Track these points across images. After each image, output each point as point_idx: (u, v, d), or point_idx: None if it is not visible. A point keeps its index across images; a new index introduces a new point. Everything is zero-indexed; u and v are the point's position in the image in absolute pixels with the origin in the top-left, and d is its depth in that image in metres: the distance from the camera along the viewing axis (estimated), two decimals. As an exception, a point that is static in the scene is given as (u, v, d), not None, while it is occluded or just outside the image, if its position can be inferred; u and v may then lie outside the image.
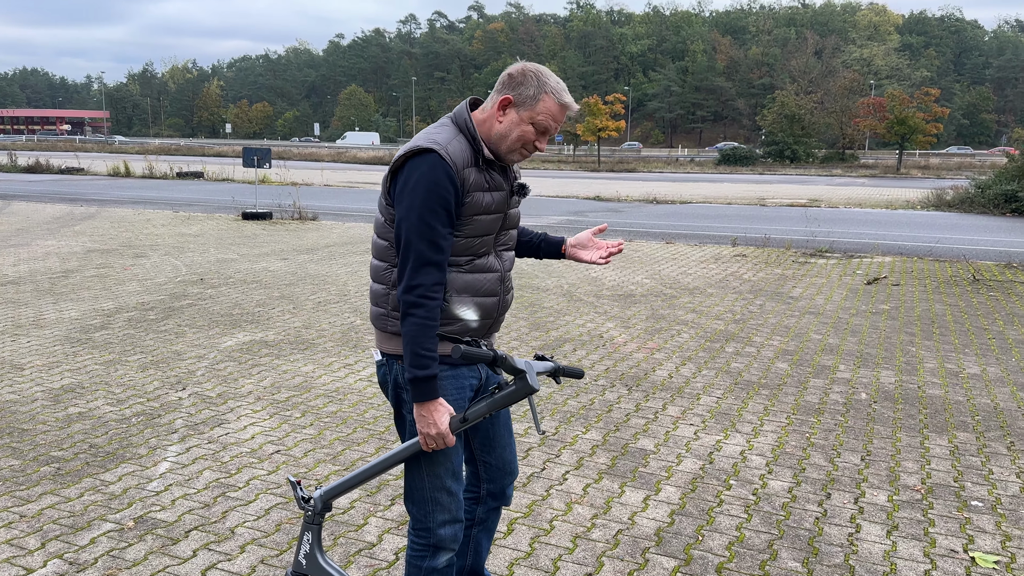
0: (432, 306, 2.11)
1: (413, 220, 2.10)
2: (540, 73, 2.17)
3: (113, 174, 29.92)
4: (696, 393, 5.22)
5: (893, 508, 3.60)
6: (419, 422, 2.16)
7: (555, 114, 2.18)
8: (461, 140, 2.18)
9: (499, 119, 2.19)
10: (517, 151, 2.22)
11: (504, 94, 2.18)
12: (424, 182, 2.10)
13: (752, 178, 38.89)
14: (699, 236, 13.80)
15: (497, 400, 2.18)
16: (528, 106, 2.16)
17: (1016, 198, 18.38)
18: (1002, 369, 5.83)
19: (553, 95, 2.16)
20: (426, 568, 2.32)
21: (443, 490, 2.27)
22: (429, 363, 2.12)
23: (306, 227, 14.23)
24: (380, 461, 2.25)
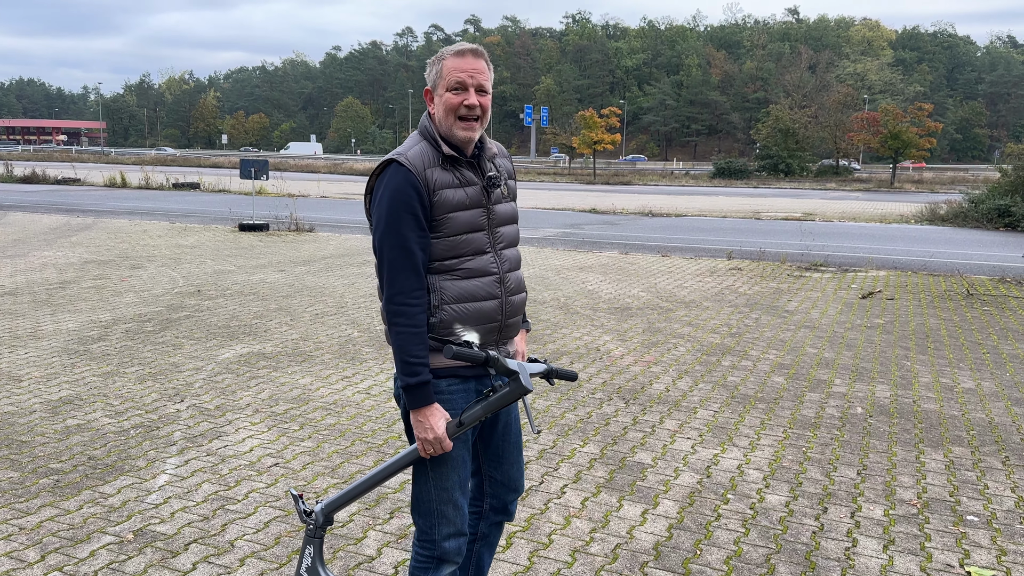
0: (413, 312, 2.15)
1: (383, 229, 2.18)
2: (437, 51, 2.29)
3: (109, 185, 29.93)
4: (693, 407, 5.24)
5: (890, 522, 3.62)
6: (416, 428, 2.19)
7: (459, 66, 2.23)
8: (423, 144, 2.27)
9: (432, 110, 2.29)
10: (458, 125, 2.25)
11: (425, 90, 2.33)
12: (388, 191, 2.19)
13: (747, 191, 39.06)
14: (695, 249, 13.86)
15: (492, 402, 2.19)
16: (438, 80, 2.26)
17: (1009, 213, 18.50)
18: (997, 384, 5.87)
19: (448, 55, 2.25)
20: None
21: (450, 503, 2.29)
22: (420, 369, 2.15)
23: (303, 239, 14.25)
24: (380, 471, 2.27)
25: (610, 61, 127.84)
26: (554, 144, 71.76)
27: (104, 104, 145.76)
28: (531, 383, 2.16)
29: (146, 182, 29.37)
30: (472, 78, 2.22)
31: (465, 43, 2.27)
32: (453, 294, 2.24)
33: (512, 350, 2.44)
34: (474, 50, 2.24)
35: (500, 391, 2.19)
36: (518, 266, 2.42)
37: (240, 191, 27.19)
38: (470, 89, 2.23)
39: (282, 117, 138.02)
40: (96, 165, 51.25)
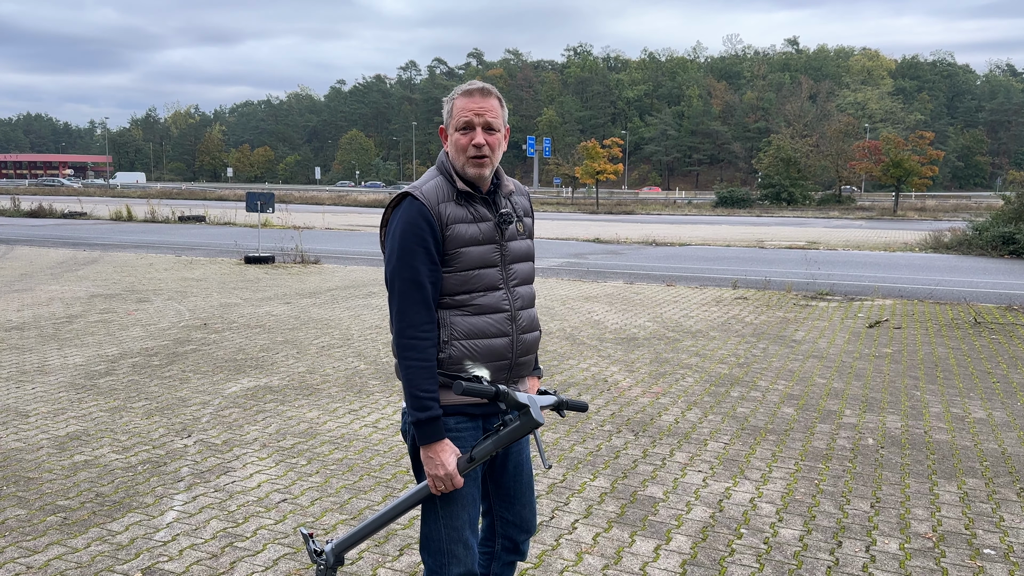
0: (424, 346, 2.14)
1: (395, 262, 2.19)
2: (451, 90, 2.31)
3: (115, 218, 30.11)
4: (703, 439, 5.20)
5: (905, 556, 3.58)
6: (426, 464, 2.17)
7: (467, 106, 2.26)
8: (439, 179, 2.30)
9: (446, 148, 2.33)
10: (469, 163, 2.28)
11: (440, 127, 2.38)
12: (401, 224, 2.21)
13: (750, 220, 39.14)
14: (699, 278, 13.86)
15: (503, 436, 2.17)
16: (449, 119, 2.30)
17: (1014, 240, 18.50)
18: (1008, 413, 5.83)
19: (457, 94, 2.28)
20: None
21: (460, 542, 2.27)
22: (430, 404, 2.13)
23: (308, 271, 14.29)
24: (390, 509, 2.25)
25: (611, 92, 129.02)
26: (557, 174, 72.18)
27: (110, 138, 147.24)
28: (542, 416, 2.14)
29: (152, 215, 29.55)
30: (479, 117, 2.23)
31: (476, 82, 2.30)
32: (463, 330, 2.23)
33: (523, 389, 2.43)
34: (482, 89, 2.26)
35: (511, 425, 2.17)
36: (531, 304, 2.42)
37: (246, 223, 27.33)
38: (477, 128, 2.24)
39: (287, 150, 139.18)
40: (102, 199, 51.60)
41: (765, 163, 56.96)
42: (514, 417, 2.17)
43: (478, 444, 2.19)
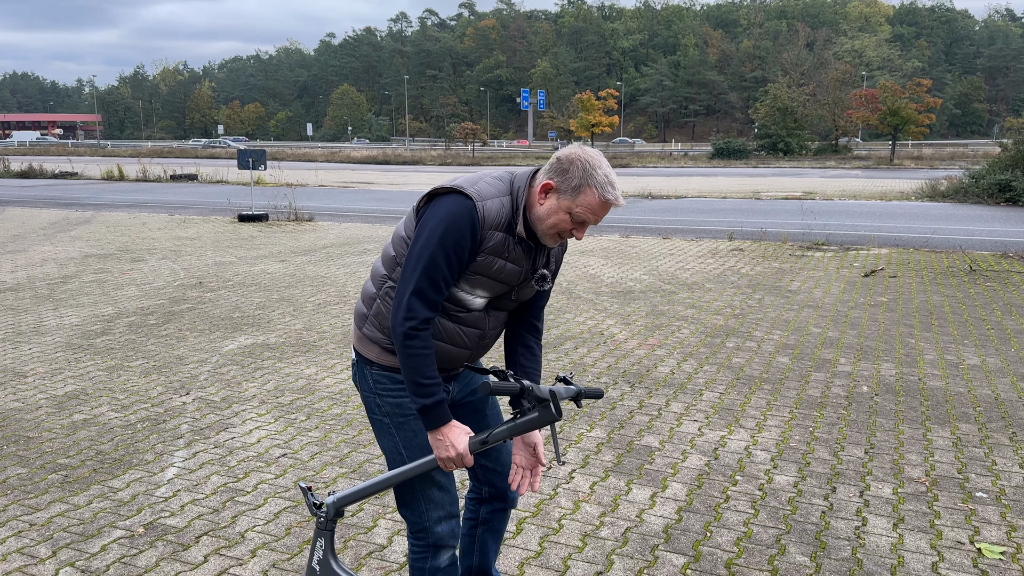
0: (425, 336, 2.11)
1: (425, 254, 2.08)
2: (588, 163, 2.08)
3: (107, 178, 29.86)
4: (699, 389, 5.24)
5: (899, 501, 3.63)
6: (436, 447, 2.16)
7: (595, 208, 2.10)
8: (506, 202, 2.14)
9: (540, 201, 2.14)
10: (550, 235, 2.17)
11: (548, 178, 2.13)
12: (447, 222, 2.08)
13: (746, 171, 38.95)
14: (696, 231, 13.83)
15: (519, 425, 2.18)
16: (569, 196, 2.10)
17: (1010, 187, 18.44)
18: (1001, 359, 5.87)
19: (596, 189, 2.08)
20: (429, 569, 2.33)
21: (434, 486, 2.28)
22: (434, 390, 2.12)
23: (303, 228, 14.22)
24: (395, 475, 2.26)
25: (606, 43, 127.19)
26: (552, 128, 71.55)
27: (99, 97, 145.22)
28: (561, 411, 2.14)
29: (143, 175, 29.29)
30: (596, 220, 2.15)
31: (613, 187, 2.11)
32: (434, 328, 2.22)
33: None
34: (617, 200, 2.13)
35: (528, 415, 2.17)
36: (500, 332, 2.40)
37: (238, 182, 27.12)
38: (586, 227, 2.17)
39: (278, 106, 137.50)
40: (93, 159, 51.11)
41: (762, 113, 56.45)
42: (533, 408, 2.17)
43: (494, 429, 2.20)
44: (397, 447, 2.30)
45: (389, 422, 2.29)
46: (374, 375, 2.29)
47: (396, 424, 2.29)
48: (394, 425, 2.29)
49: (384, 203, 20.07)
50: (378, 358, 2.28)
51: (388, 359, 2.27)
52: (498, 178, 2.20)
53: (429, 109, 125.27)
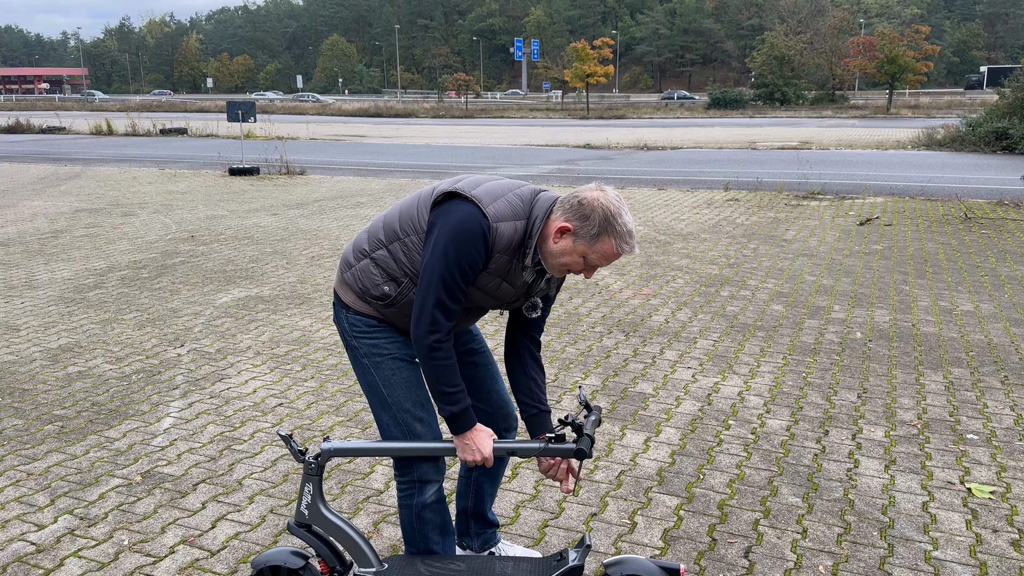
0: (448, 346, 2.14)
1: (441, 267, 2.08)
2: (610, 213, 2.05)
3: (96, 132, 29.48)
4: (693, 337, 5.25)
5: (890, 443, 3.66)
6: (462, 450, 2.21)
7: (610, 257, 2.10)
8: (520, 227, 2.12)
9: (555, 240, 2.11)
10: (559, 270, 2.17)
11: (567, 220, 2.08)
12: (460, 238, 2.07)
13: (743, 121, 38.63)
14: (691, 181, 13.75)
15: (550, 450, 2.24)
16: (586, 242, 2.08)
17: (1007, 135, 18.33)
18: (995, 305, 5.89)
19: (615, 240, 2.07)
20: (416, 505, 2.36)
21: (416, 420, 2.31)
22: (459, 397, 2.17)
23: (294, 182, 14.10)
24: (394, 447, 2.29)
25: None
26: (546, 78, 70.63)
27: (85, 50, 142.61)
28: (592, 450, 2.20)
29: (133, 129, 28.92)
30: (607, 266, 2.13)
31: (631, 238, 2.08)
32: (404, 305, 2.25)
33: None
34: (632, 251, 2.11)
35: (561, 443, 2.23)
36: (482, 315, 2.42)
37: (228, 135, 26.81)
38: (596, 269, 2.16)
39: (267, 58, 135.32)
40: (81, 113, 50.42)
41: (759, 62, 55.74)
42: (565, 438, 2.24)
43: (522, 443, 2.25)
44: (377, 386, 2.32)
45: (367, 363, 2.32)
46: (349, 319, 2.33)
47: (374, 364, 2.32)
48: (372, 365, 2.32)
49: (376, 156, 19.88)
50: (353, 304, 2.31)
51: (362, 307, 2.30)
52: (519, 196, 2.16)
53: (421, 60, 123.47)
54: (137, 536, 2.95)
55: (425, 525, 2.39)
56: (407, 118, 47.92)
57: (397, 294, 2.24)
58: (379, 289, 2.25)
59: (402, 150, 21.92)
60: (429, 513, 2.37)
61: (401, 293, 2.24)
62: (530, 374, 2.36)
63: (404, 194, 12.23)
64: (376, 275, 2.25)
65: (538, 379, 2.37)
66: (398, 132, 32.11)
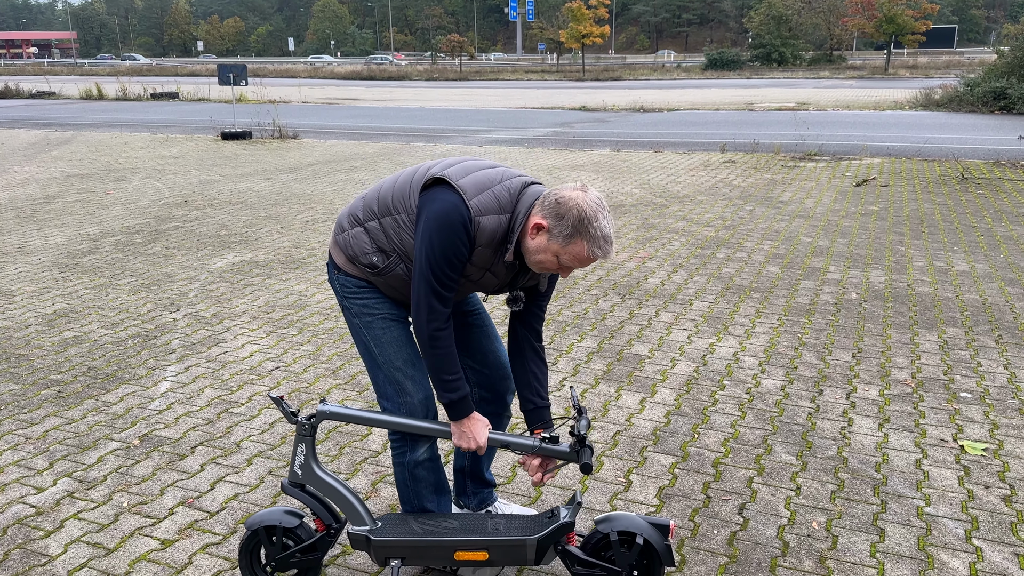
0: (447, 335, 2.17)
1: (432, 261, 2.10)
2: (585, 215, 2.03)
3: (86, 97, 29.14)
4: (688, 299, 5.26)
5: (884, 402, 3.69)
6: (459, 438, 2.25)
7: (582, 259, 2.08)
8: (503, 221, 2.12)
9: (531, 236, 2.11)
10: (537, 267, 2.17)
11: (543, 217, 2.08)
12: (444, 230, 2.08)
13: (739, 82, 38.29)
14: (688, 144, 13.66)
15: (545, 450, 2.29)
16: (559, 241, 2.07)
17: (1005, 95, 18.22)
18: (990, 265, 5.89)
19: (587, 243, 2.05)
20: (409, 463, 2.39)
21: (407, 378, 2.33)
22: (458, 385, 2.20)
23: (287, 146, 13.98)
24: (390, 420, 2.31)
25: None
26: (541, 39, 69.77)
27: (73, 13, 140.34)
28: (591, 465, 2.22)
29: (123, 93, 28.59)
30: (581, 268, 2.12)
31: (605, 243, 2.06)
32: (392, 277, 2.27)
33: None
34: (607, 256, 2.10)
35: (556, 445, 2.28)
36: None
37: (220, 99, 26.52)
38: (572, 270, 2.15)
39: (258, 20, 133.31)
40: (70, 77, 49.77)
41: (756, 22, 55.07)
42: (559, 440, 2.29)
43: (520, 439, 2.29)
44: (368, 346, 2.35)
45: (359, 322, 2.35)
46: (340, 279, 2.35)
47: (364, 324, 2.34)
48: (363, 325, 2.34)
49: (370, 120, 19.70)
50: (344, 266, 2.34)
51: (352, 269, 2.33)
52: (507, 189, 2.15)
53: (414, 21, 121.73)
54: (136, 498, 2.97)
55: (419, 483, 2.41)
56: (400, 80, 47.41)
57: (385, 266, 2.26)
58: (368, 258, 2.27)
59: (396, 113, 21.73)
60: (422, 471, 2.39)
61: (388, 266, 2.25)
62: (530, 368, 2.37)
63: (398, 158, 12.14)
64: (366, 244, 2.27)
65: (538, 373, 2.38)
66: (391, 95, 31.79)
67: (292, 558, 2.34)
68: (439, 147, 13.45)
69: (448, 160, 2.24)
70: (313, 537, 2.35)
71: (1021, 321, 4.73)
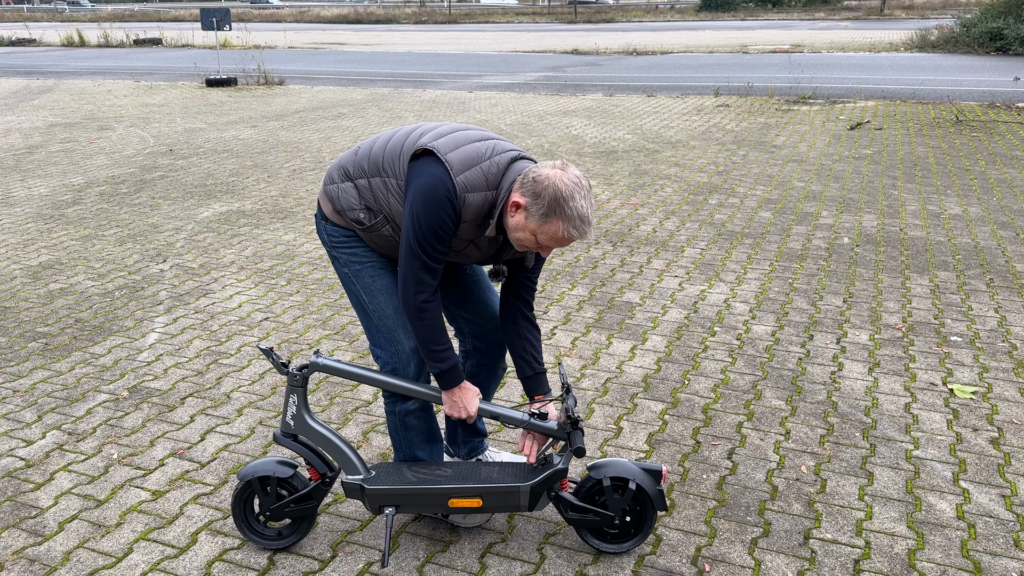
0: (434, 307, 2.16)
1: (418, 236, 2.07)
2: (561, 194, 1.99)
3: (67, 44, 28.47)
4: (680, 246, 5.22)
5: (875, 346, 3.69)
6: (450, 407, 2.26)
7: (558, 239, 2.05)
8: (485, 201, 2.09)
9: (511, 213, 2.08)
10: (517, 245, 2.14)
11: (521, 195, 2.05)
12: (431, 205, 2.05)
13: (734, 24, 37.65)
14: (681, 87, 13.47)
15: (534, 426, 2.28)
16: (536, 220, 2.04)
17: (1002, 36, 17.95)
18: (983, 209, 5.87)
19: (563, 223, 2.02)
20: (400, 411, 2.39)
21: (399, 327, 2.32)
22: (447, 355, 2.20)
23: (273, 92, 13.73)
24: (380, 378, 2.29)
25: None
26: None
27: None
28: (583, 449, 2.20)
29: (105, 40, 27.93)
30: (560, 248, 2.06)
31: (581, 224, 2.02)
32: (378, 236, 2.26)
33: None
34: (584, 236, 2.06)
35: (545, 422, 2.28)
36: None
37: (204, 45, 25.95)
38: (552, 249, 2.12)
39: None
40: (51, 24, 48.58)
41: (750, -38, 53.92)
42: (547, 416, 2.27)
43: (509, 412, 2.29)
44: (358, 295, 2.34)
45: (348, 271, 2.33)
46: (328, 229, 2.33)
47: (354, 273, 2.32)
48: (352, 274, 2.33)
49: (357, 65, 19.33)
50: (332, 216, 2.32)
51: (337, 219, 2.31)
52: (496, 164, 2.11)
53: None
54: (126, 450, 2.96)
55: (410, 431, 2.41)
56: (388, 24, 46.44)
57: (371, 224, 2.23)
58: (355, 214, 2.25)
59: (383, 58, 21.32)
60: (413, 419, 2.39)
61: (375, 225, 2.23)
62: (524, 335, 2.36)
63: (386, 105, 11.94)
64: (354, 200, 2.24)
65: (532, 339, 2.37)
66: (379, 39, 31.16)
67: (287, 507, 2.35)
68: (428, 93, 13.23)
69: (441, 128, 2.19)
70: (308, 486, 2.35)
71: (1013, 265, 4.72)
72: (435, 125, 2.23)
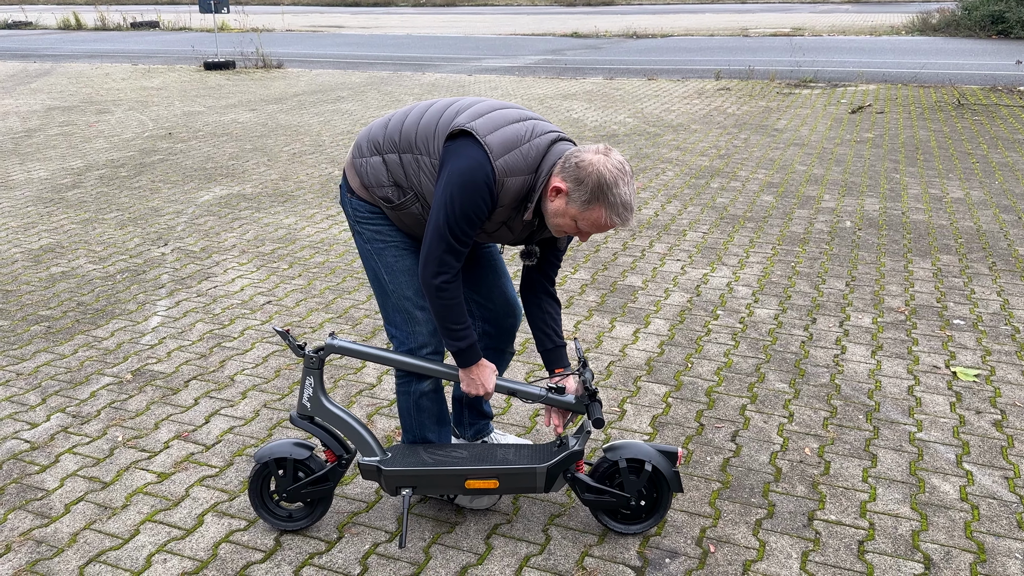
0: (455, 287, 2.13)
1: (451, 218, 2.04)
2: (605, 181, 1.96)
3: (64, 27, 28.28)
4: (682, 229, 5.22)
5: (877, 330, 3.70)
6: (468, 384, 2.25)
7: (600, 225, 2.03)
8: (524, 185, 2.05)
9: (550, 198, 2.05)
10: (555, 230, 2.12)
11: (562, 180, 2.01)
12: (467, 188, 2.01)
13: (734, 7, 37.43)
14: (682, 71, 13.41)
15: (552, 400, 2.28)
16: (577, 206, 2.01)
17: (1003, 19, 17.86)
18: (985, 192, 5.86)
19: (605, 209, 1.99)
20: (414, 392, 2.38)
21: (417, 308, 2.31)
22: (466, 334, 2.17)
23: (272, 76, 13.66)
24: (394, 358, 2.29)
25: None
26: None
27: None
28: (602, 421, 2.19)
29: (102, 22, 27.75)
30: (600, 233, 2.09)
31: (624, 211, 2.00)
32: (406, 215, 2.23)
33: None
34: (627, 223, 2.03)
35: (563, 396, 2.27)
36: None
37: (202, 28, 25.78)
38: (591, 235, 2.11)
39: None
40: (47, 7, 48.23)
41: (751, -56, 53.49)
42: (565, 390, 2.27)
43: (526, 388, 2.28)
44: (378, 273, 2.31)
45: (370, 248, 2.30)
46: (353, 203, 2.30)
47: (376, 251, 2.30)
48: (374, 251, 2.30)
49: (356, 48, 19.22)
50: (358, 190, 2.28)
51: (364, 194, 2.27)
52: (536, 148, 2.07)
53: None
54: (131, 432, 2.97)
55: (422, 413, 2.41)
56: (387, 7, 46.13)
57: (400, 202, 2.20)
58: (383, 190, 2.21)
59: (382, 41, 21.19)
60: (426, 401, 2.39)
61: (404, 203, 2.20)
62: (545, 308, 2.36)
63: (386, 88, 11.89)
64: (383, 176, 2.20)
65: (553, 312, 2.37)
66: (377, 22, 30.97)
67: (303, 489, 2.36)
68: (428, 76, 13.16)
69: (479, 106, 2.14)
70: (324, 468, 2.35)
71: (1015, 248, 4.72)
72: (473, 101, 2.17)
